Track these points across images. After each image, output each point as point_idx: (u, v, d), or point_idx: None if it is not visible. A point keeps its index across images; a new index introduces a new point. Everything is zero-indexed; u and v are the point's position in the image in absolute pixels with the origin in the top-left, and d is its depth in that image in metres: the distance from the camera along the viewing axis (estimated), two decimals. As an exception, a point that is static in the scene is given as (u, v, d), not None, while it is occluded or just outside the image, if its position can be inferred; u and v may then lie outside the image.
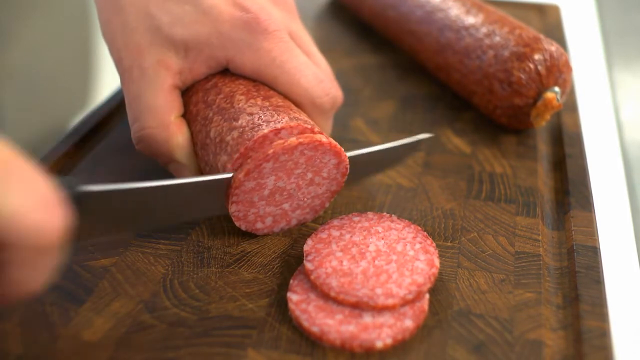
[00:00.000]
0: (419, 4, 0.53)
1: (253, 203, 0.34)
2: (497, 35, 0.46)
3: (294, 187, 0.35)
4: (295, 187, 0.35)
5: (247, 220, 0.35)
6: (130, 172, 0.41)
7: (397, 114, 0.49)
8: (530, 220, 0.38)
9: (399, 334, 0.30)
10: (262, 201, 0.35)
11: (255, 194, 0.34)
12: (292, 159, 0.33)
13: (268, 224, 0.36)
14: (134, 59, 0.36)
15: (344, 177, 0.36)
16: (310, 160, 0.34)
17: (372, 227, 0.35)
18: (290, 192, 0.35)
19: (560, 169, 0.43)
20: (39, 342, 0.30)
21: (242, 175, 0.33)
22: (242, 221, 0.35)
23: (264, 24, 0.36)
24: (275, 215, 0.36)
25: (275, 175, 0.34)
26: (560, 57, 0.44)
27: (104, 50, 0.93)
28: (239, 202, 0.34)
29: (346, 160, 0.35)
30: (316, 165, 0.35)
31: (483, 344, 0.30)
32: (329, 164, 0.35)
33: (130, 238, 0.36)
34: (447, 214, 0.38)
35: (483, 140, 0.46)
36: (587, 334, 0.30)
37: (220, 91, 0.36)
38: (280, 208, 0.36)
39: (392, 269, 0.32)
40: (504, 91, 0.44)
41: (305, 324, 0.30)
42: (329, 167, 0.35)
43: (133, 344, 0.30)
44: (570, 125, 0.47)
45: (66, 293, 0.33)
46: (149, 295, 0.33)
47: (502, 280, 0.34)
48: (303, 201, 0.36)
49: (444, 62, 0.49)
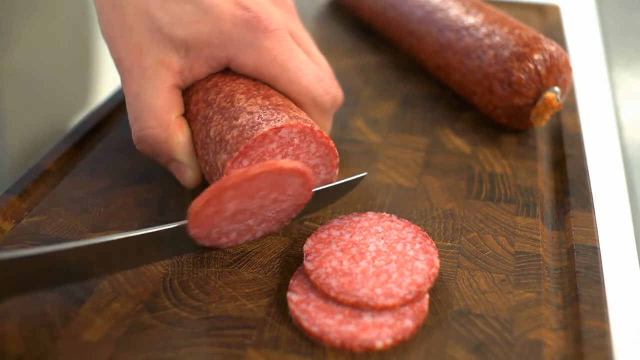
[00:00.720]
0: (418, 4, 0.53)
1: (214, 224, 0.33)
2: (497, 35, 0.46)
3: (257, 206, 0.34)
4: (259, 206, 0.34)
5: (210, 239, 0.34)
6: (130, 172, 0.41)
7: (397, 114, 0.49)
8: (530, 220, 0.38)
9: (399, 334, 0.30)
10: (225, 222, 0.33)
11: (216, 217, 0.33)
12: (254, 185, 0.32)
13: (232, 238, 0.35)
14: (134, 58, 0.36)
15: (311, 191, 0.35)
16: (274, 183, 0.32)
17: (372, 227, 0.35)
18: (254, 210, 0.34)
19: (560, 169, 0.43)
20: (39, 342, 0.30)
21: (200, 206, 0.31)
22: (205, 240, 0.34)
23: (264, 22, 0.36)
24: (240, 230, 0.35)
25: (238, 200, 0.32)
26: (560, 57, 0.44)
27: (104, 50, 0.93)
28: (198, 226, 0.32)
29: (311, 178, 0.34)
30: (280, 186, 0.33)
31: (483, 344, 0.30)
32: (293, 184, 0.33)
33: None
34: (447, 214, 0.38)
35: (483, 140, 0.46)
36: (587, 334, 0.30)
37: (221, 90, 0.36)
38: (245, 224, 0.34)
39: (392, 269, 0.32)
40: (504, 91, 0.44)
41: (305, 324, 0.30)
42: (293, 186, 0.33)
43: (133, 344, 0.30)
44: (570, 125, 0.47)
45: (66, 293, 0.33)
46: (149, 295, 0.33)
47: (502, 280, 0.34)
48: (268, 216, 0.35)
49: (444, 62, 0.49)
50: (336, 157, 0.36)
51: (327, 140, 0.35)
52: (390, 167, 0.43)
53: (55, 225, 0.37)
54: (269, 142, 0.34)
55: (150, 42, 0.36)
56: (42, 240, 0.36)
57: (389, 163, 0.43)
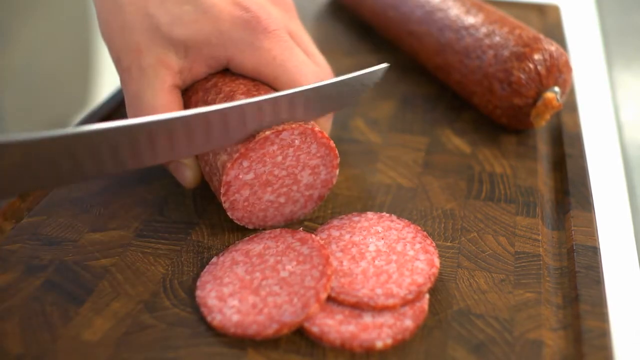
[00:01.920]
0: (418, 4, 0.53)
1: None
2: (497, 35, 0.46)
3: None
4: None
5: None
6: (130, 172, 0.41)
7: (397, 114, 0.49)
8: (530, 220, 0.38)
9: (399, 333, 0.30)
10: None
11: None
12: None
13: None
14: (133, 58, 0.36)
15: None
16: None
17: (372, 227, 0.35)
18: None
19: (560, 169, 0.43)
20: (39, 342, 0.30)
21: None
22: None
23: (264, 23, 0.36)
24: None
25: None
26: (560, 57, 0.44)
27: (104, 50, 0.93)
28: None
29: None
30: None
31: (483, 344, 0.30)
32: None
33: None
34: (447, 214, 0.38)
35: (483, 140, 0.46)
36: (587, 334, 0.30)
37: (220, 91, 0.36)
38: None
39: (392, 269, 0.32)
40: (504, 91, 0.44)
41: (306, 324, 0.30)
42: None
43: (133, 344, 0.30)
44: (570, 125, 0.47)
45: (66, 293, 0.33)
46: (149, 295, 0.33)
47: (502, 280, 0.34)
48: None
49: (443, 62, 0.49)
50: (337, 158, 0.36)
51: (328, 141, 0.35)
52: (390, 167, 0.43)
53: (55, 225, 0.37)
54: (270, 144, 0.34)
55: (150, 42, 0.36)
56: (42, 240, 0.36)
57: (389, 163, 0.43)
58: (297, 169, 0.35)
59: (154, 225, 0.37)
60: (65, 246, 0.35)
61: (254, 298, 0.31)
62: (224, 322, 0.30)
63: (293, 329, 0.29)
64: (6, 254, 0.35)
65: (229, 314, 0.30)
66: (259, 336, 0.29)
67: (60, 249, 0.35)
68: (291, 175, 0.36)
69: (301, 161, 0.35)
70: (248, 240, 0.35)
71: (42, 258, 0.35)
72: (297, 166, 0.35)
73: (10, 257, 0.35)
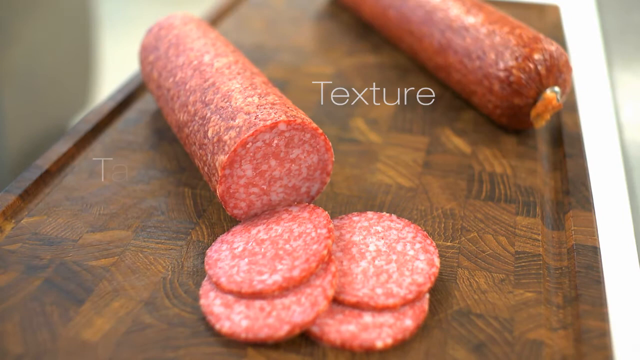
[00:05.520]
0: (419, 4, 0.53)
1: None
2: (497, 35, 0.46)
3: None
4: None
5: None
6: (130, 172, 0.41)
7: (397, 114, 0.49)
8: (530, 220, 0.38)
9: (399, 333, 0.30)
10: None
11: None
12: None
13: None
14: None
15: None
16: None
17: (372, 226, 0.35)
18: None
19: (560, 169, 0.43)
20: (39, 342, 0.30)
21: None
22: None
23: None
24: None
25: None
26: (560, 57, 0.43)
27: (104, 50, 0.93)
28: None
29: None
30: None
31: (483, 343, 0.30)
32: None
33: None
34: (447, 214, 0.38)
35: (483, 140, 0.46)
36: (587, 334, 0.30)
37: (218, 90, 0.37)
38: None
39: (392, 268, 0.32)
40: (504, 91, 0.44)
41: (305, 323, 0.30)
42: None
43: (133, 344, 0.30)
44: (570, 125, 0.47)
45: (66, 293, 0.33)
46: (149, 295, 0.33)
47: (502, 280, 0.34)
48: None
49: (444, 62, 0.49)
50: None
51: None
52: (390, 167, 0.43)
53: (55, 225, 0.37)
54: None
55: None
56: (42, 240, 0.36)
57: (389, 163, 0.43)
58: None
59: (154, 225, 0.37)
60: (65, 246, 0.35)
61: (261, 301, 0.31)
62: (233, 329, 0.30)
63: (304, 329, 0.29)
64: (6, 254, 0.35)
65: (237, 319, 0.30)
66: (272, 339, 0.29)
67: (60, 248, 0.35)
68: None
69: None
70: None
71: (42, 258, 0.35)
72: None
73: (10, 257, 0.35)
